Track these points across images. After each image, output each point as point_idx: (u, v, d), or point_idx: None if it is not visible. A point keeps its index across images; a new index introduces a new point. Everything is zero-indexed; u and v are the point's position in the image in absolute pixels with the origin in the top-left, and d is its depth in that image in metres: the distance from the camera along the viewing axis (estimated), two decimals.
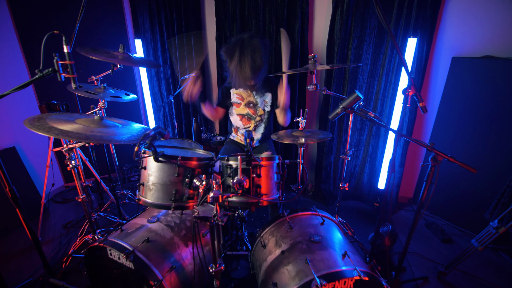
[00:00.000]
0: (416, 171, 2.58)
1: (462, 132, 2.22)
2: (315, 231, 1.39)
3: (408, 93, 1.36)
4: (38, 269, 1.88)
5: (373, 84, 2.34)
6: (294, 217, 1.50)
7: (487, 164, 2.10)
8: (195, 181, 1.10)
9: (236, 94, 2.13)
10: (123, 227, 1.43)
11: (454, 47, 2.16)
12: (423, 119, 2.43)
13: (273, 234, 1.45)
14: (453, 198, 2.34)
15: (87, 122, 1.34)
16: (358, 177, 2.66)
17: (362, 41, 2.24)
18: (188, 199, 1.14)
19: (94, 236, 1.83)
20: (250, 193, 1.09)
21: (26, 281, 1.76)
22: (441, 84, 2.27)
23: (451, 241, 2.19)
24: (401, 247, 2.10)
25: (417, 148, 2.51)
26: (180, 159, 1.09)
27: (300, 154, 1.69)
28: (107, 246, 1.26)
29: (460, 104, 2.19)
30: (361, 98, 1.37)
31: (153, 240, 1.33)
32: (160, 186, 1.12)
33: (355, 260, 1.23)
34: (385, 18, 1.21)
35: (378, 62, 2.27)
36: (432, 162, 1.31)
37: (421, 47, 2.11)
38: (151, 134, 0.98)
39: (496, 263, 1.97)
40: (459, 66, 2.15)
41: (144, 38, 2.71)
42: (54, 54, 1.22)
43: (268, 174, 1.16)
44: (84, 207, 1.74)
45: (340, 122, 2.51)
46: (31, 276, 1.82)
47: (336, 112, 1.44)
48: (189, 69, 2.68)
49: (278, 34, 2.37)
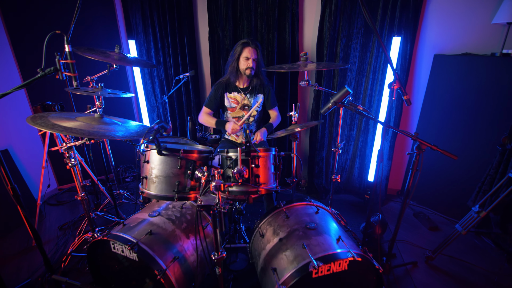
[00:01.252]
0: (403, 164, 2.71)
1: (445, 124, 2.35)
2: (310, 219, 1.47)
3: (393, 87, 1.45)
4: (37, 270, 1.88)
5: (361, 81, 2.45)
6: (290, 207, 1.58)
7: (469, 155, 2.24)
8: (197, 172, 1.15)
9: (231, 99, 2.21)
10: (125, 222, 1.46)
11: (436, 45, 2.29)
12: (408, 114, 2.56)
13: (270, 224, 1.52)
14: (439, 189, 2.47)
15: (88, 120, 1.38)
16: (349, 171, 2.77)
17: (350, 40, 2.35)
18: (191, 190, 1.20)
19: (93, 234, 1.85)
20: (249, 182, 1.16)
21: (25, 282, 1.76)
22: (424, 80, 2.40)
23: (438, 228, 2.31)
24: (391, 235, 2.20)
25: (404, 142, 2.64)
26: (182, 151, 1.14)
27: (294, 147, 1.77)
28: (110, 239, 1.30)
29: (443, 99, 2.33)
30: (350, 93, 1.46)
31: (156, 233, 1.37)
32: (163, 178, 1.17)
33: (349, 244, 1.31)
34: (370, 18, 1.30)
35: (365, 60, 2.38)
36: (417, 150, 1.41)
37: (405, 45, 2.23)
38: (155, 128, 1.04)
39: (479, 248, 2.10)
40: (440, 62, 2.28)
41: (137, 39, 2.74)
42: (56, 53, 1.26)
43: (266, 164, 1.23)
44: (83, 206, 1.76)
45: (330, 118, 2.61)
46: (29, 277, 1.82)
47: (327, 107, 1.53)
48: (183, 69, 2.73)
49: (269, 34, 2.45)
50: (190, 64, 2.68)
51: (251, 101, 2.22)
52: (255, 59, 2.11)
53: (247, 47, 2.08)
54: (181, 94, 2.84)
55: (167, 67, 2.78)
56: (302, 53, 1.47)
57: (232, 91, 2.21)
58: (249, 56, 2.08)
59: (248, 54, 2.08)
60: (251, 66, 2.10)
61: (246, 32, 2.48)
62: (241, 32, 2.51)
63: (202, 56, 2.78)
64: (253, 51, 2.09)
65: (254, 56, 2.10)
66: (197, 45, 2.74)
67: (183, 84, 2.77)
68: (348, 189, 2.84)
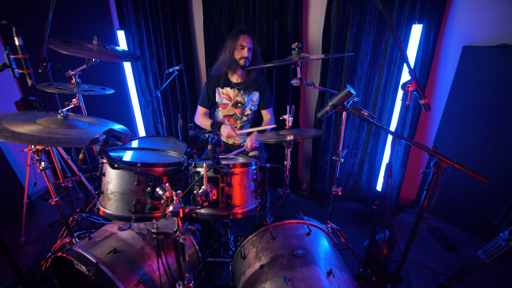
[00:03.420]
0: (419, 171, 2.40)
1: (471, 130, 2.02)
2: (299, 243, 1.25)
3: (408, 89, 1.18)
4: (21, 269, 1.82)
5: (374, 77, 2.15)
6: (278, 226, 1.36)
7: (498, 167, 1.90)
8: (158, 190, 0.97)
9: (223, 94, 2.00)
10: (92, 235, 1.32)
11: (466, 34, 1.94)
12: (428, 115, 2.23)
13: (254, 245, 1.32)
14: (459, 201, 2.16)
15: (48, 122, 1.22)
16: (356, 177, 2.50)
17: (361, 29, 2.04)
18: (152, 210, 1.01)
19: (71, 239, 1.74)
20: (218, 205, 0.96)
21: (6, 283, 1.70)
22: (449, 77, 2.06)
23: (455, 248, 2.03)
24: (399, 254, 1.95)
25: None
26: (140, 165, 0.95)
27: (287, 155, 1.54)
28: (70, 257, 1.16)
29: (471, 100, 1.98)
30: (353, 94, 1.21)
31: (121, 251, 1.21)
32: (119, 195, 0.99)
33: (342, 278, 1.09)
34: (382, 0, 1.03)
35: (379, 52, 2.07)
36: (435, 168, 1.15)
37: (428, 35, 1.90)
38: (101, 139, 0.85)
39: (503, 273, 1.80)
40: (470, 56, 1.93)
41: (130, 29, 2.56)
42: (4, 47, 1.09)
43: (242, 182, 1.02)
44: (59, 210, 1.65)
45: (337, 118, 2.34)
46: (11, 278, 1.76)
47: (325, 110, 1.28)
48: (177, 62, 2.53)
49: (269, 22, 2.18)
50: (184, 56, 2.47)
51: (245, 99, 2.00)
52: (250, 48, 1.88)
53: (242, 34, 1.86)
54: (176, 89, 2.65)
55: (160, 60, 2.59)
56: (294, 45, 1.23)
57: (225, 86, 1.99)
58: (245, 44, 1.85)
59: (243, 42, 1.85)
60: (246, 56, 1.87)
61: (243, 20, 2.23)
62: (238, 20, 2.25)
63: (197, 47, 2.56)
64: (249, 39, 1.86)
65: (250, 45, 1.87)
66: (192, 35, 2.52)
67: (177, 78, 2.58)
68: (355, 196, 2.58)
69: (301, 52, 1.25)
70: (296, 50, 1.23)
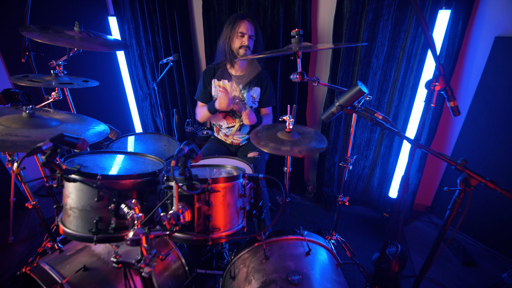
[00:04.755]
0: (436, 176, 2.16)
1: (500, 134, 1.76)
2: (296, 265, 1.08)
3: (434, 88, 0.96)
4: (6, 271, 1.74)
5: (390, 71, 1.90)
6: (274, 242, 1.19)
7: None
8: (123, 207, 0.80)
9: (219, 87, 1.80)
10: (63, 247, 1.19)
11: (499, 24, 1.66)
12: (449, 117, 1.98)
13: (245, 263, 1.16)
14: (479, 211, 1.93)
15: (10, 121, 1.07)
16: (367, 181, 2.29)
17: (378, 16, 1.78)
18: (119, 229, 0.85)
19: (53, 244, 1.63)
20: (194, 229, 0.79)
21: None
22: (477, 72, 1.80)
23: (474, 264, 1.81)
24: (411, 269, 1.76)
25: (440, 148, 2.08)
26: (100, 178, 0.79)
27: (288, 161, 1.35)
28: (34, 276, 1.03)
29: (502, 99, 1.72)
30: (365, 93, 1.00)
31: (92, 268, 1.08)
32: (79, 212, 0.84)
33: None
34: None
35: (398, 43, 1.82)
36: (462, 186, 0.94)
37: (456, 23, 1.63)
38: (45, 148, 0.68)
39: None
40: (504, 48, 1.66)
41: (125, 15, 2.37)
42: None
43: (225, 200, 0.84)
44: (38, 214, 1.53)
45: (347, 116, 2.11)
46: None
47: (331, 111, 1.09)
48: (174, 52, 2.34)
49: (275, 8, 1.95)
50: (182, 45, 2.28)
51: (244, 94, 1.80)
52: (251, 36, 1.68)
53: (242, 19, 1.66)
54: (174, 81, 2.48)
55: (157, 49, 2.41)
56: (294, 31, 1.02)
57: (222, 78, 1.80)
58: (245, 31, 1.66)
59: (243, 29, 1.65)
60: (246, 45, 1.67)
61: (246, 6, 2.01)
62: (240, 5, 2.03)
63: (197, 35, 2.36)
64: (249, 26, 1.66)
65: (250, 32, 1.67)
66: (191, 23, 2.31)
67: (175, 70, 2.40)
68: (365, 200, 2.37)
69: (302, 40, 1.04)
70: (296, 38, 1.01)
